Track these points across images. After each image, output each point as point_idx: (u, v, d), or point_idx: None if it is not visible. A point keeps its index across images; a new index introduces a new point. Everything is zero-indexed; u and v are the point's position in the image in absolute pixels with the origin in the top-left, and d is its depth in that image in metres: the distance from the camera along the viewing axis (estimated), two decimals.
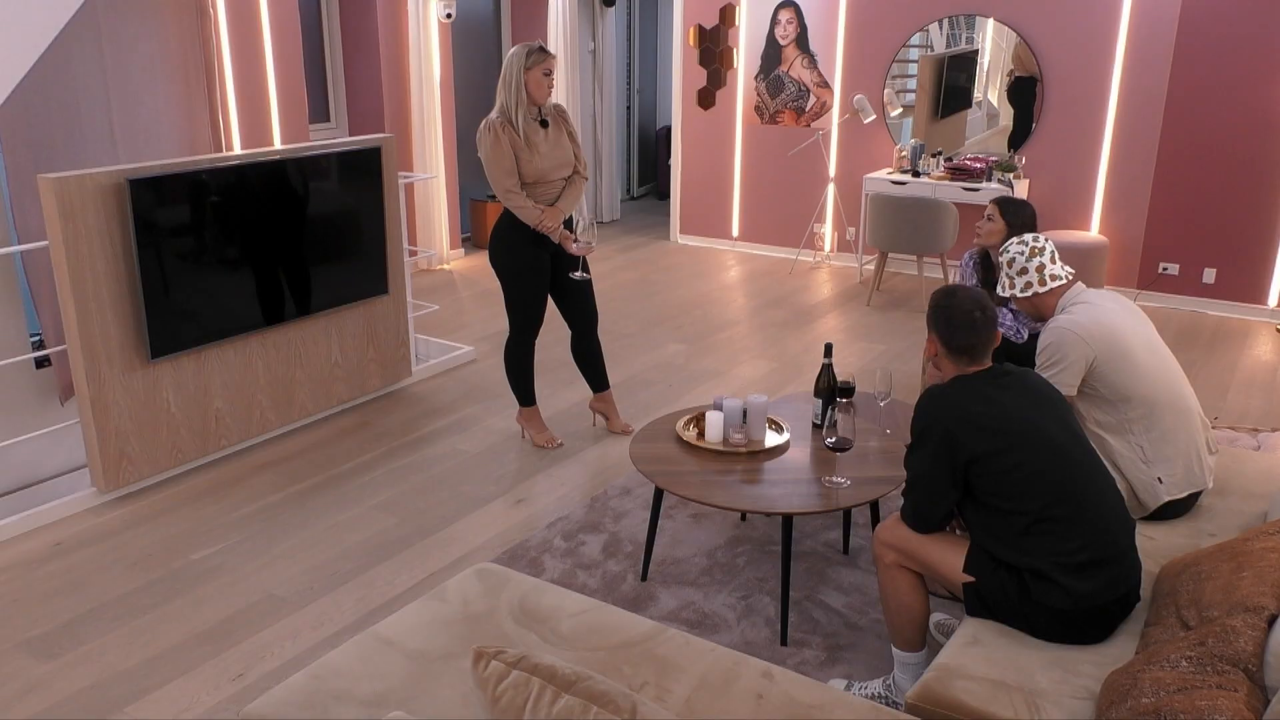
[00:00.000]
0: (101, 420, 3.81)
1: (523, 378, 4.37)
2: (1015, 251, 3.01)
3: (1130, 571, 2.34)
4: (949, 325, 2.46)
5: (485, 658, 1.62)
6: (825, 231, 7.78)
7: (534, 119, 4.00)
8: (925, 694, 2.17)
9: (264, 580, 3.40)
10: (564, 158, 4.09)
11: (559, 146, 4.07)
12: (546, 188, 4.06)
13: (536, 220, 3.99)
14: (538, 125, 4.01)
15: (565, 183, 4.13)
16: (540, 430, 4.45)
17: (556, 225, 4.03)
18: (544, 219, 4.00)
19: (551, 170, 4.04)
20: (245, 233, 4.14)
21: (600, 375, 4.49)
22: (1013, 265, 3.01)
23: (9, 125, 4.33)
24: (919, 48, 7.07)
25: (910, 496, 2.50)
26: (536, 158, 3.98)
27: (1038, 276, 2.96)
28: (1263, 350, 5.74)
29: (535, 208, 4.00)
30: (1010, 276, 3.02)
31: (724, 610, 3.19)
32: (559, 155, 4.07)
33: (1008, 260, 3.03)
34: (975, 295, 2.49)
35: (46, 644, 3.05)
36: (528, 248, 4.08)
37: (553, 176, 4.06)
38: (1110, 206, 6.63)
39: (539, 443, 4.42)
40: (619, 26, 9.79)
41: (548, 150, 4.02)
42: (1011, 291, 3.02)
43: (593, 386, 4.52)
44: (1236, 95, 6.09)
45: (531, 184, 4.02)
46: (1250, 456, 3.24)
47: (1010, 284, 3.03)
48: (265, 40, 5.80)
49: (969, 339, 2.45)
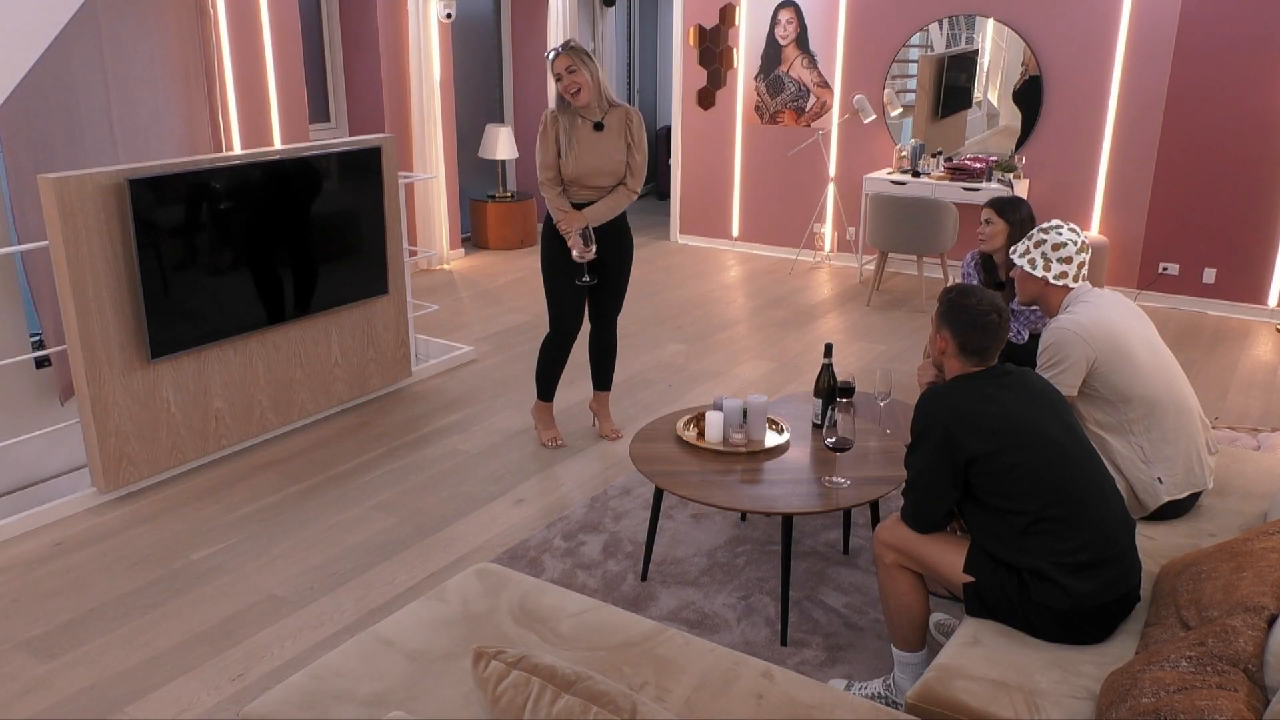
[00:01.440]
0: (101, 420, 3.81)
1: (544, 371, 4.34)
2: (1069, 238, 2.93)
3: (1130, 571, 2.34)
4: (968, 325, 2.44)
5: (485, 658, 1.62)
6: (825, 231, 7.78)
7: (590, 119, 3.95)
8: (925, 694, 2.17)
9: (264, 580, 3.40)
10: (608, 165, 3.98)
11: (608, 153, 3.98)
12: (583, 190, 4.01)
13: (557, 219, 3.99)
14: (589, 127, 3.95)
15: (606, 191, 4.04)
16: (547, 427, 4.45)
17: (570, 229, 3.94)
18: (561, 219, 3.97)
19: (590, 175, 3.97)
20: (245, 233, 4.14)
21: (603, 374, 4.46)
22: (1059, 250, 2.91)
23: (9, 125, 4.33)
24: (919, 48, 7.07)
25: (910, 496, 2.50)
26: (573, 158, 3.94)
27: (1076, 271, 2.93)
28: (1263, 350, 5.74)
29: (560, 204, 3.98)
30: (1047, 256, 2.92)
31: (724, 610, 3.19)
32: (602, 161, 3.97)
33: (1056, 243, 2.92)
34: (992, 297, 2.48)
35: (46, 644, 3.05)
36: (558, 241, 4.04)
37: (591, 181, 3.99)
38: (1110, 206, 6.63)
39: (542, 439, 4.43)
40: (619, 26, 9.79)
41: (589, 153, 3.95)
42: (1038, 270, 2.95)
43: (594, 383, 4.51)
44: (1236, 95, 6.09)
45: (569, 182, 3.99)
46: (1250, 456, 3.24)
47: (1045, 264, 2.92)
48: (265, 40, 5.80)
49: (985, 341, 2.44)
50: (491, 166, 8.62)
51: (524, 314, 6.42)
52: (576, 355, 4.95)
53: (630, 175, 4.05)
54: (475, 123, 8.41)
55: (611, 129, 4.00)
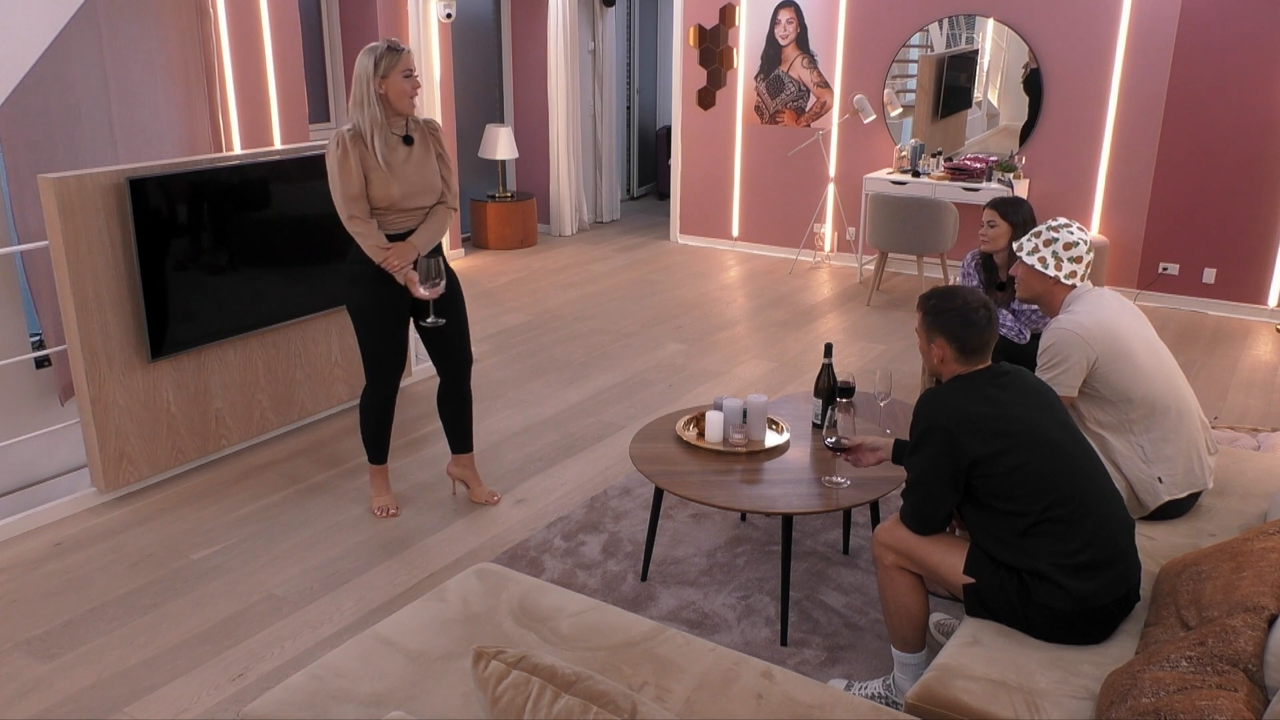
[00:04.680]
0: (101, 420, 3.81)
1: (372, 430, 3.71)
2: (1079, 237, 2.93)
3: (1130, 572, 2.34)
4: (965, 326, 2.42)
5: (485, 658, 1.62)
6: (825, 231, 7.78)
7: (396, 133, 3.38)
8: (925, 694, 2.17)
9: (264, 580, 3.40)
10: (427, 183, 3.43)
11: (423, 169, 3.42)
12: (402, 216, 3.41)
13: (381, 256, 3.34)
14: (399, 142, 3.38)
15: (427, 213, 3.48)
16: (381, 493, 3.84)
17: (403, 264, 3.35)
18: (390, 255, 3.34)
19: (409, 197, 3.38)
20: (245, 232, 4.14)
21: (463, 433, 3.82)
22: (1070, 249, 2.91)
23: (9, 125, 4.33)
24: (919, 48, 7.07)
25: (910, 498, 2.50)
26: (391, 181, 3.33)
27: (1084, 271, 2.94)
28: (1263, 350, 5.74)
29: (379, 240, 3.35)
30: (1058, 255, 2.91)
31: (724, 610, 3.19)
32: (421, 180, 3.41)
33: (1068, 242, 2.92)
34: (975, 293, 2.48)
35: (46, 644, 3.05)
36: (374, 284, 3.42)
37: (410, 204, 3.40)
38: (1110, 206, 6.63)
39: (374, 506, 3.82)
40: (619, 26, 9.79)
41: (407, 173, 3.37)
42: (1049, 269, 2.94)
43: (452, 445, 3.86)
44: (1236, 95, 6.09)
45: (383, 210, 3.37)
46: (1250, 456, 3.24)
47: (1056, 263, 2.91)
48: (265, 40, 5.80)
49: (982, 338, 2.44)
50: (492, 166, 8.62)
51: (524, 314, 6.42)
52: (567, 356, 4.91)
53: (447, 190, 3.52)
54: (475, 123, 8.42)
55: (420, 141, 3.45)
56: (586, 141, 9.09)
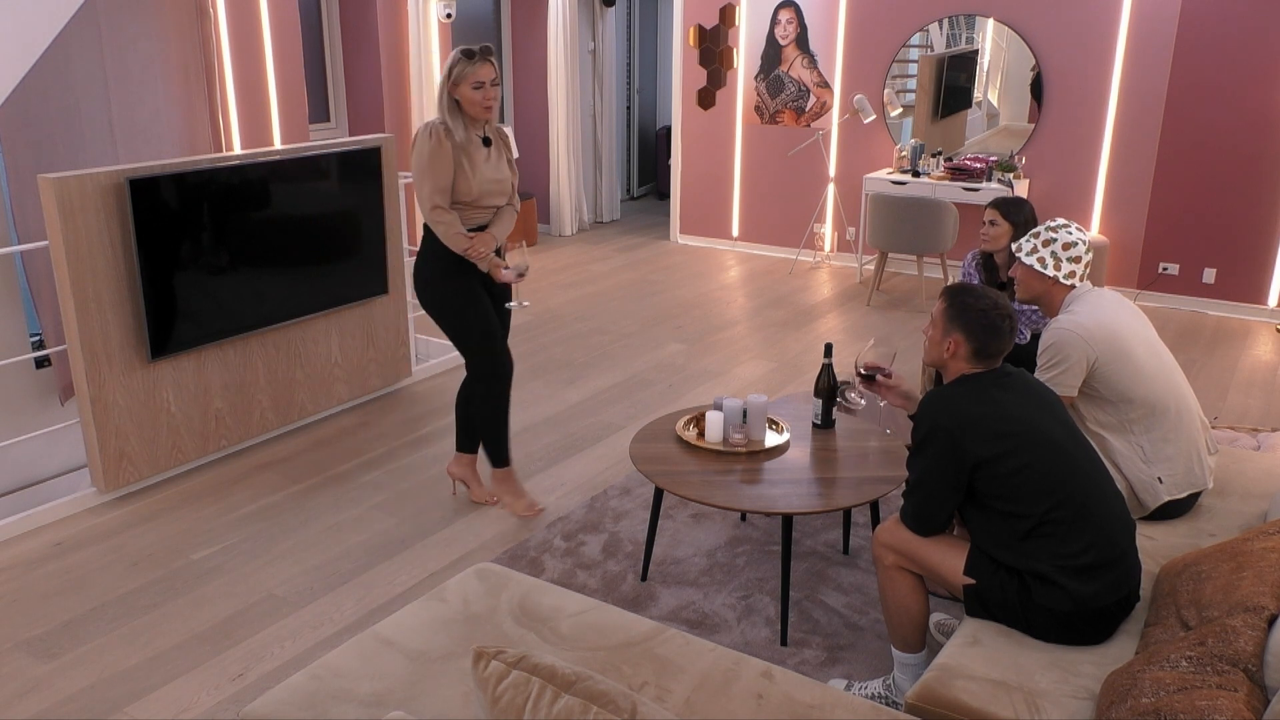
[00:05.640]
0: (101, 420, 3.81)
1: (493, 428, 3.77)
2: (1079, 237, 2.93)
3: (1131, 572, 2.34)
4: (987, 329, 2.41)
5: (485, 658, 1.62)
6: (825, 231, 7.78)
7: (477, 135, 3.53)
8: (925, 694, 2.17)
9: (264, 580, 3.40)
10: (501, 184, 3.60)
11: (499, 170, 3.59)
12: (477, 213, 3.57)
13: (464, 246, 3.47)
14: (480, 143, 3.54)
15: (494, 213, 3.66)
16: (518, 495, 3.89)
17: (487, 252, 3.52)
18: (474, 245, 3.49)
19: (485, 195, 3.55)
20: (245, 232, 4.14)
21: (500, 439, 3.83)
22: (1070, 249, 2.91)
23: (9, 125, 4.33)
24: (919, 48, 7.07)
25: (911, 499, 2.49)
26: (474, 178, 3.49)
27: (1083, 271, 2.94)
28: (1263, 350, 5.74)
29: (462, 230, 3.49)
30: (1058, 255, 2.91)
31: (724, 610, 3.19)
32: (497, 181, 3.58)
33: (1067, 242, 2.92)
34: (1003, 301, 2.46)
35: (46, 644, 3.05)
36: (450, 276, 3.57)
37: (485, 203, 3.57)
38: (1110, 206, 6.63)
39: (475, 498, 3.93)
40: (619, 26, 9.79)
41: (486, 172, 3.53)
42: (1048, 270, 2.94)
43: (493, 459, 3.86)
44: (1236, 95, 6.09)
45: (464, 206, 3.52)
46: (1250, 456, 3.24)
47: (1055, 263, 2.91)
48: (265, 40, 5.80)
49: (1000, 345, 2.43)
50: None
51: (523, 314, 6.42)
52: (565, 356, 4.91)
53: (514, 193, 3.71)
54: None
55: (496, 144, 3.62)
56: (586, 141, 9.09)
